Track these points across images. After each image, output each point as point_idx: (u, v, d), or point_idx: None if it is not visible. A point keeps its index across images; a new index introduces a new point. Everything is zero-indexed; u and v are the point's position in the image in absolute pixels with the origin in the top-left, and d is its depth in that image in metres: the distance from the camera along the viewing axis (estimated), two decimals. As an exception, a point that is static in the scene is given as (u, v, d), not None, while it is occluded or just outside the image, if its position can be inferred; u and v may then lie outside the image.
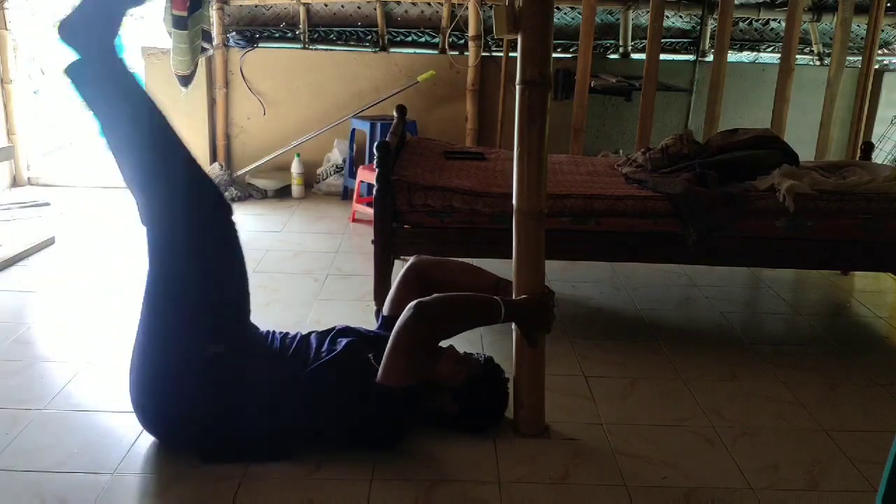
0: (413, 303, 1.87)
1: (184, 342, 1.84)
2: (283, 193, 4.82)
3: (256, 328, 2.10)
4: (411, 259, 2.30)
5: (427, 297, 1.91)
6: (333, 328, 2.15)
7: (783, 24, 4.75)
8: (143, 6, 1.92)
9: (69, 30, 1.76)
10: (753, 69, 5.26)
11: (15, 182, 4.87)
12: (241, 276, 1.98)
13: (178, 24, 4.01)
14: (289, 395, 1.89)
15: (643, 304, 3.14)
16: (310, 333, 2.13)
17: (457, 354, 2.05)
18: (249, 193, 4.75)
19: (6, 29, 4.67)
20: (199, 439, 1.89)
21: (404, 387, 1.86)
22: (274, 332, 2.12)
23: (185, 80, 4.27)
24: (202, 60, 4.62)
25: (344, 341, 2.03)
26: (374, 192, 2.65)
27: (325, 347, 2.02)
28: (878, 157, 4.60)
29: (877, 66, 4.77)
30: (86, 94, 1.79)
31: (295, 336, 2.10)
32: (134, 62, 5.42)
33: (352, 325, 2.19)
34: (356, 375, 1.91)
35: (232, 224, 1.94)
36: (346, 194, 4.78)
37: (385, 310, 2.25)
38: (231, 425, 1.86)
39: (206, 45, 4.31)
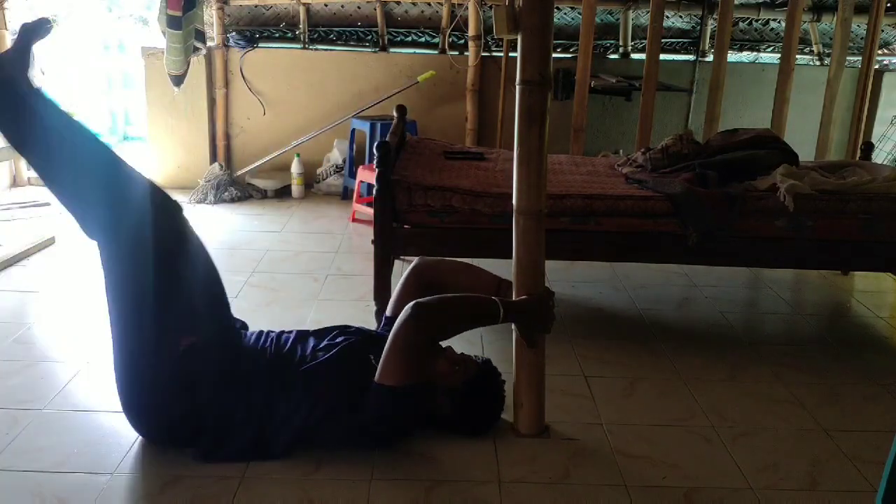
0: (411, 303, 1.87)
1: (153, 339, 1.84)
2: (283, 193, 4.82)
3: (242, 326, 2.13)
4: (415, 261, 2.30)
5: (425, 298, 1.91)
6: (333, 327, 2.16)
7: (783, 24, 4.75)
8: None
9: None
10: (753, 69, 5.26)
11: (15, 182, 4.87)
12: (205, 269, 1.98)
13: (173, 23, 4.02)
14: (279, 393, 1.89)
15: (643, 304, 3.14)
16: (308, 332, 2.13)
17: (454, 355, 2.04)
18: (249, 193, 4.75)
19: (6, 29, 4.66)
20: (189, 438, 1.89)
21: (404, 385, 1.86)
22: (269, 331, 2.12)
23: (178, 80, 4.28)
24: (202, 60, 4.62)
25: (342, 340, 2.03)
26: (374, 192, 2.65)
27: (322, 346, 2.02)
28: (878, 157, 4.60)
29: (877, 66, 4.77)
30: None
31: (290, 334, 2.10)
32: (135, 62, 5.44)
33: (352, 325, 2.19)
34: (355, 375, 1.91)
35: (178, 220, 1.94)
36: (345, 194, 4.77)
37: (388, 311, 2.26)
38: (216, 423, 1.86)
39: (199, 45, 4.31)
